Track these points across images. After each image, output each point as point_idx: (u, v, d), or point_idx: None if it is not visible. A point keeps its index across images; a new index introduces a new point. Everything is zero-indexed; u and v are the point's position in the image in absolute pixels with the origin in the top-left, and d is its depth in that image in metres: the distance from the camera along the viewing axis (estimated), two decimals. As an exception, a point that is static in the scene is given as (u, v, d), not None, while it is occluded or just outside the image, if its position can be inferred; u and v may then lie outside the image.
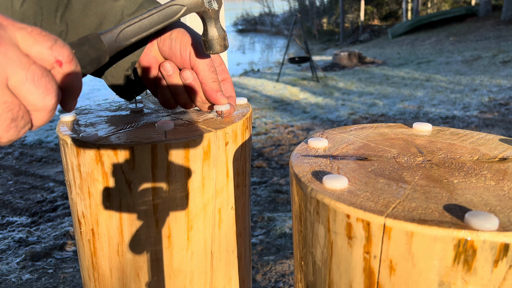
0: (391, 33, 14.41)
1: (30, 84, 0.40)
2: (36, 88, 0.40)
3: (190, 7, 0.61)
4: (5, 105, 0.38)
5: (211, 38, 0.65)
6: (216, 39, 0.65)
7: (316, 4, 20.77)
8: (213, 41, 0.65)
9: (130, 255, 0.70)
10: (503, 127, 4.53)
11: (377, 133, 0.66)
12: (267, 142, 4.41)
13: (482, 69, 7.77)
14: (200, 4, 0.61)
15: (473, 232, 0.38)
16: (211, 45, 0.65)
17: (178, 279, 0.72)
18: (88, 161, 0.65)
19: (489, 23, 12.74)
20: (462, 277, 0.40)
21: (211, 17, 0.64)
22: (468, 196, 0.45)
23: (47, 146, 4.51)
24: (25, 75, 0.39)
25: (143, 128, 0.71)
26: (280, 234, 2.53)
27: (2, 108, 0.38)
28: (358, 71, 8.72)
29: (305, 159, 0.56)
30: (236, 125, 0.72)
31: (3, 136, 0.40)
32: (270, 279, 2.11)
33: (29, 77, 0.39)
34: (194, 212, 0.69)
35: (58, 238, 2.58)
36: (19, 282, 2.16)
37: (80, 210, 0.71)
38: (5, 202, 3.15)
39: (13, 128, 0.40)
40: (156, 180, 0.65)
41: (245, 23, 24.54)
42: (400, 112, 5.45)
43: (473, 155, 0.57)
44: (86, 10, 0.67)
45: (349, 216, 0.43)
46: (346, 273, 0.46)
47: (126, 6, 0.67)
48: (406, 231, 0.40)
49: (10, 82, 0.39)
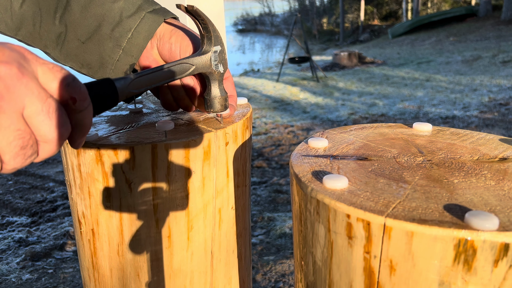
0: (391, 33, 14.41)
1: (45, 115, 0.42)
2: (49, 120, 0.42)
3: (198, 67, 0.66)
4: (18, 133, 0.40)
5: (213, 98, 0.69)
6: (218, 99, 0.69)
7: (316, 4, 20.77)
8: (215, 101, 0.70)
9: (130, 255, 0.70)
10: (503, 127, 4.53)
11: (377, 133, 0.66)
12: (267, 142, 4.41)
13: (482, 69, 7.77)
14: (207, 66, 0.67)
15: (473, 232, 0.38)
16: (212, 104, 0.70)
17: (178, 279, 0.72)
18: (88, 161, 0.65)
19: (489, 23, 12.74)
20: (462, 277, 0.40)
21: (215, 79, 0.69)
22: (468, 196, 0.45)
23: (47, 146, 4.50)
24: (41, 106, 0.41)
25: (143, 128, 0.71)
26: (280, 234, 2.53)
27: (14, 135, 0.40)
28: (358, 71, 8.73)
29: (305, 159, 0.56)
30: (236, 125, 0.72)
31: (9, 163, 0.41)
32: (270, 279, 2.11)
33: (45, 109, 0.42)
34: (194, 212, 0.69)
35: (58, 238, 2.58)
36: (19, 282, 2.16)
37: (80, 210, 0.71)
38: (5, 202, 3.15)
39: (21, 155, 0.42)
40: (156, 180, 0.65)
41: (245, 23, 24.54)
42: (400, 112, 5.45)
43: (473, 155, 0.57)
44: (85, 12, 0.67)
45: (349, 216, 0.43)
46: (346, 273, 0.46)
47: (124, 8, 0.68)
48: (406, 231, 0.40)
49: (25, 111, 0.41)
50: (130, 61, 0.69)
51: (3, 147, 0.40)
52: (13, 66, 0.40)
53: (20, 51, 0.42)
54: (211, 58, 0.67)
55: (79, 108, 0.46)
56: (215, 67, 0.68)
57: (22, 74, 0.40)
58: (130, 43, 0.68)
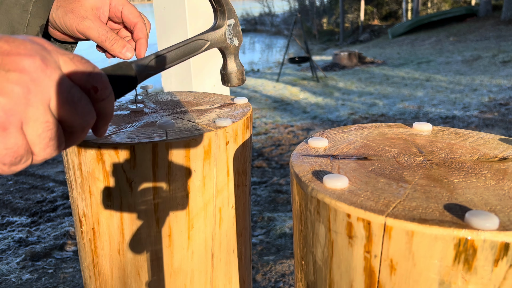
0: (391, 33, 14.40)
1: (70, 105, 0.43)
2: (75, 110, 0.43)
3: (213, 42, 0.66)
4: (46, 124, 0.41)
5: (230, 72, 0.70)
6: (235, 73, 0.70)
7: (316, 4, 20.76)
8: (232, 75, 0.70)
9: (131, 254, 0.70)
10: (503, 127, 4.53)
11: (377, 133, 0.66)
12: (267, 142, 4.41)
13: (482, 69, 7.77)
14: (222, 40, 0.66)
15: (473, 232, 0.38)
16: (229, 79, 0.70)
17: (179, 278, 0.72)
18: (89, 160, 0.65)
19: (489, 23, 12.73)
20: (463, 276, 0.40)
21: (231, 53, 0.69)
22: (468, 195, 0.45)
23: (47, 146, 4.50)
24: (65, 97, 0.42)
25: (143, 127, 0.71)
26: (280, 234, 2.53)
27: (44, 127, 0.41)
28: (358, 71, 8.72)
29: (305, 159, 0.56)
30: (236, 125, 0.72)
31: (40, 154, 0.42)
32: (270, 279, 2.11)
33: (69, 100, 0.43)
34: (194, 211, 0.70)
35: (58, 238, 2.58)
36: (19, 282, 2.16)
37: (81, 209, 0.71)
38: (5, 202, 3.15)
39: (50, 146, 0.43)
40: (157, 179, 0.65)
41: (245, 23, 24.53)
42: (400, 112, 5.45)
43: (473, 154, 0.57)
44: None
45: (349, 215, 0.43)
46: (346, 272, 0.46)
47: None
48: (406, 231, 0.40)
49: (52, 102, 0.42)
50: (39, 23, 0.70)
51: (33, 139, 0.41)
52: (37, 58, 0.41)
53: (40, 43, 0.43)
54: (225, 32, 0.67)
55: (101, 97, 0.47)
56: (230, 41, 0.68)
57: (46, 66, 0.41)
58: (36, 6, 0.69)
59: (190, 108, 0.83)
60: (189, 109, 0.82)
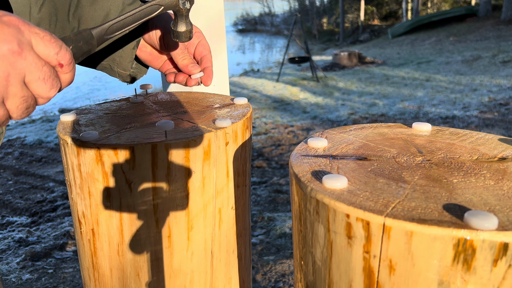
0: (391, 33, 14.40)
1: (41, 81, 0.50)
2: (45, 85, 0.51)
3: (166, 6, 0.73)
4: (23, 99, 0.50)
5: (180, 30, 0.77)
6: (184, 32, 0.78)
7: (316, 4, 20.75)
8: (181, 33, 0.78)
9: (130, 255, 0.70)
10: (503, 127, 4.53)
11: (376, 133, 0.66)
12: (267, 142, 4.41)
13: (482, 69, 7.76)
14: (175, 4, 0.73)
15: (472, 232, 0.38)
16: (178, 36, 0.78)
17: (178, 279, 0.72)
18: (88, 161, 0.65)
19: (489, 23, 12.73)
20: (462, 276, 0.40)
21: (182, 14, 0.76)
22: (467, 195, 0.45)
23: (47, 146, 4.51)
24: (38, 75, 0.50)
25: (143, 128, 0.71)
26: (280, 234, 2.53)
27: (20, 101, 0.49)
28: (358, 71, 8.72)
29: (305, 159, 0.56)
30: (236, 125, 0.72)
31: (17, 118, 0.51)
32: (270, 279, 2.11)
33: (41, 76, 0.50)
34: (194, 212, 0.70)
35: (58, 238, 2.58)
36: (19, 282, 2.16)
37: (81, 210, 0.71)
38: (5, 202, 3.15)
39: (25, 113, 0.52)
40: (156, 180, 0.65)
41: (245, 23, 24.52)
42: (400, 112, 5.45)
43: (472, 154, 0.57)
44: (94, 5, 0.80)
45: (348, 215, 0.43)
46: (345, 272, 0.46)
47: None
48: (405, 231, 0.40)
49: (26, 79, 0.49)
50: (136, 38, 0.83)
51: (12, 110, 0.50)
52: (14, 43, 0.46)
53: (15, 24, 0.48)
54: None
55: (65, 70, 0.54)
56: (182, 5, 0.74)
57: (21, 50, 0.47)
58: None
59: (190, 108, 0.83)
60: (189, 110, 0.82)
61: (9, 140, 4.74)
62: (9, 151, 4.35)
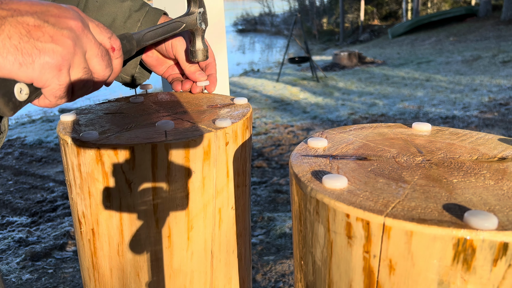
0: (391, 33, 14.40)
1: (99, 58, 0.57)
2: (102, 61, 0.58)
3: (187, 24, 0.84)
4: (84, 70, 0.56)
5: (198, 49, 0.87)
6: (201, 50, 0.87)
7: (316, 4, 20.75)
8: (199, 52, 0.87)
9: (130, 255, 0.70)
10: (503, 127, 4.53)
11: (376, 133, 0.66)
12: (267, 142, 4.41)
13: (482, 69, 7.76)
14: (194, 23, 0.85)
15: (472, 231, 0.38)
16: (196, 55, 0.87)
17: (178, 279, 0.72)
18: (88, 161, 0.65)
19: (489, 23, 12.73)
20: (462, 276, 0.40)
21: (199, 34, 0.86)
22: (467, 195, 0.45)
23: (47, 146, 4.51)
24: (96, 51, 0.57)
25: (143, 128, 0.71)
26: (280, 234, 2.53)
27: (83, 72, 0.55)
28: (358, 71, 8.72)
29: (304, 159, 0.56)
30: (236, 125, 0.72)
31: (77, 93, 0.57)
32: (270, 279, 2.11)
33: (99, 54, 0.57)
34: (194, 212, 0.70)
35: (58, 238, 2.58)
36: (19, 282, 2.16)
37: (80, 210, 0.71)
38: (5, 202, 3.15)
39: (84, 88, 0.57)
40: (156, 180, 0.65)
41: (245, 23, 24.51)
42: (400, 112, 5.45)
43: (472, 154, 0.57)
44: (101, 11, 0.83)
45: (348, 215, 0.43)
46: (345, 272, 0.46)
47: (132, 5, 0.85)
48: (405, 231, 0.40)
49: (87, 54, 0.56)
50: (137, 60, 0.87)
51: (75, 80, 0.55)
52: (78, 21, 0.54)
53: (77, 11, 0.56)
54: (196, 18, 0.85)
55: (116, 55, 0.62)
56: (199, 25, 0.85)
57: (84, 27, 0.55)
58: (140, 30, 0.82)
59: (190, 108, 0.83)
60: (189, 110, 0.82)
61: (9, 140, 4.74)
62: (9, 151, 4.35)
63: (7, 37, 0.47)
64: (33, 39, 0.49)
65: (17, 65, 0.48)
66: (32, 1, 0.52)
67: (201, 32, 0.86)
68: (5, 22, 0.48)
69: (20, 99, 0.50)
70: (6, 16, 0.48)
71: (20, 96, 0.50)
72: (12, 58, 0.48)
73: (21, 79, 0.50)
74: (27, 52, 0.49)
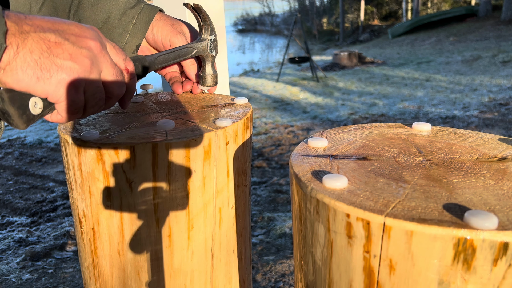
0: (391, 33, 14.40)
1: (113, 78, 0.60)
2: (116, 82, 0.60)
3: (198, 50, 0.86)
4: (98, 89, 0.57)
5: (207, 75, 0.89)
6: (211, 76, 0.89)
7: (316, 4, 20.74)
8: (209, 77, 0.89)
9: (131, 254, 0.70)
10: (503, 127, 4.53)
11: (376, 133, 0.66)
12: (267, 142, 4.41)
13: (482, 69, 7.76)
14: (205, 49, 0.87)
15: (472, 231, 0.38)
16: (206, 80, 0.89)
17: (179, 278, 0.73)
18: (89, 160, 0.65)
19: (489, 23, 12.73)
20: (462, 276, 0.40)
21: (209, 60, 0.88)
22: (467, 195, 0.45)
23: (47, 146, 4.51)
24: (111, 71, 0.59)
25: (144, 127, 0.71)
26: (280, 234, 2.53)
27: (96, 90, 0.57)
28: (358, 71, 8.72)
29: (305, 159, 0.56)
30: (236, 125, 0.72)
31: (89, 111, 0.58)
32: (270, 279, 2.11)
33: (113, 73, 0.60)
34: (194, 211, 0.70)
35: (58, 238, 2.58)
36: (19, 282, 2.16)
37: (81, 209, 0.71)
38: (5, 202, 3.15)
39: (96, 107, 0.59)
40: (156, 179, 0.65)
41: (245, 23, 24.51)
42: (400, 112, 5.45)
43: (472, 154, 0.57)
44: (95, 8, 0.81)
45: (349, 215, 0.43)
46: (346, 272, 0.47)
47: (127, 1, 0.83)
48: (405, 230, 0.40)
49: (102, 74, 0.58)
50: (136, 43, 0.85)
51: (88, 98, 0.57)
52: (97, 42, 0.57)
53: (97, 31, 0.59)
54: (208, 44, 0.87)
55: (130, 76, 0.64)
56: (210, 51, 0.87)
57: (102, 48, 0.57)
58: (135, 28, 0.83)
59: (190, 108, 0.83)
60: (189, 109, 0.82)
61: (9, 140, 4.74)
62: (9, 151, 4.35)
63: (28, 51, 0.48)
64: (53, 56, 0.51)
65: (35, 79, 0.49)
66: (55, 18, 0.53)
67: (212, 59, 0.88)
68: (28, 37, 0.49)
69: (34, 112, 0.51)
70: (29, 31, 0.49)
71: (34, 110, 0.51)
72: (31, 72, 0.49)
73: (37, 93, 0.51)
74: (45, 67, 0.50)
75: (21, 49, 0.48)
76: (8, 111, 0.49)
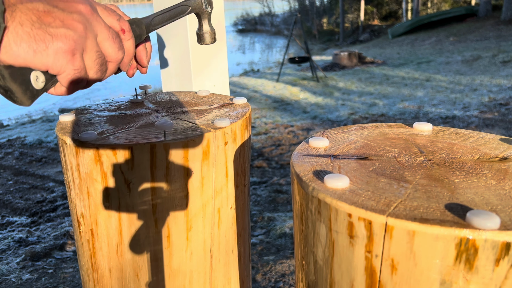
0: (391, 33, 14.40)
1: (110, 41, 0.57)
2: (113, 44, 0.58)
3: (193, 7, 0.84)
4: (97, 53, 0.56)
5: (205, 32, 0.86)
6: (209, 33, 0.86)
7: (316, 4, 20.75)
8: (206, 35, 0.86)
9: (129, 255, 0.70)
10: (503, 127, 4.53)
11: (377, 132, 0.66)
12: (267, 142, 4.41)
13: (482, 69, 7.76)
14: (199, 6, 0.84)
15: (474, 231, 0.37)
16: (204, 38, 0.86)
17: (178, 279, 0.72)
18: (87, 161, 0.65)
19: (489, 23, 12.73)
20: (464, 276, 0.39)
21: (205, 17, 0.86)
22: (469, 195, 0.44)
23: (47, 146, 4.50)
24: (107, 34, 0.57)
25: (142, 128, 0.70)
26: (280, 234, 2.52)
27: (96, 55, 0.55)
28: (358, 71, 8.72)
29: (306, 159, 0.55)
30: (235, 125, 0.71)
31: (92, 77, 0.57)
32: (270, 279, 2.11)
33: (110, 36, 0.57)
34: (193, 212, 0.69)
35: (58, 238, 2.57)
36: (19, 282, 2.16)
37: (79, 210, 0.70)
38: (5, 202, 3.15)
39: (99, 71, 0.57)
40: (155, 180, 0.65)
41: (245, 23, 24.52)
42: (400, 112, 5.44)
43: (473, 154, 0.56)
44: None
45: (350, 215, 0.43)
46: (347, 272, 0.46)
47: None
48: (407, 230, 0.39)
49: (98, 38, 0.56)
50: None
51: (89, 64, 0.55)
52: (87, 5, 0.55)
53: None
54: (202, 1, 0.84)
55: (127, 37, 0.62)
56: (205, 7, 0.85)
57: (93, 11, 0.55)
58: None
59: (189, 108, 0.83)
60: (188, 109, 0.82)
61: (9, 140, 4.74)
62: (9, 151, 4.35)
63: (19, 24, 0.47)
64: (45, 25, 0.49)
65: (31, 52, 0.48)
66: None
67: (207, 15, 0.86)
68: (15, 9, 0.47)
69: (37, 87, 0.50)
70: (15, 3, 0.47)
71: (36, 84, 0.50)
72: (26, 45, 0.47)
73: (37, 67, 0.50)
74: (40, 38, 0.48)
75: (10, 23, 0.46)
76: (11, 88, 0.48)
